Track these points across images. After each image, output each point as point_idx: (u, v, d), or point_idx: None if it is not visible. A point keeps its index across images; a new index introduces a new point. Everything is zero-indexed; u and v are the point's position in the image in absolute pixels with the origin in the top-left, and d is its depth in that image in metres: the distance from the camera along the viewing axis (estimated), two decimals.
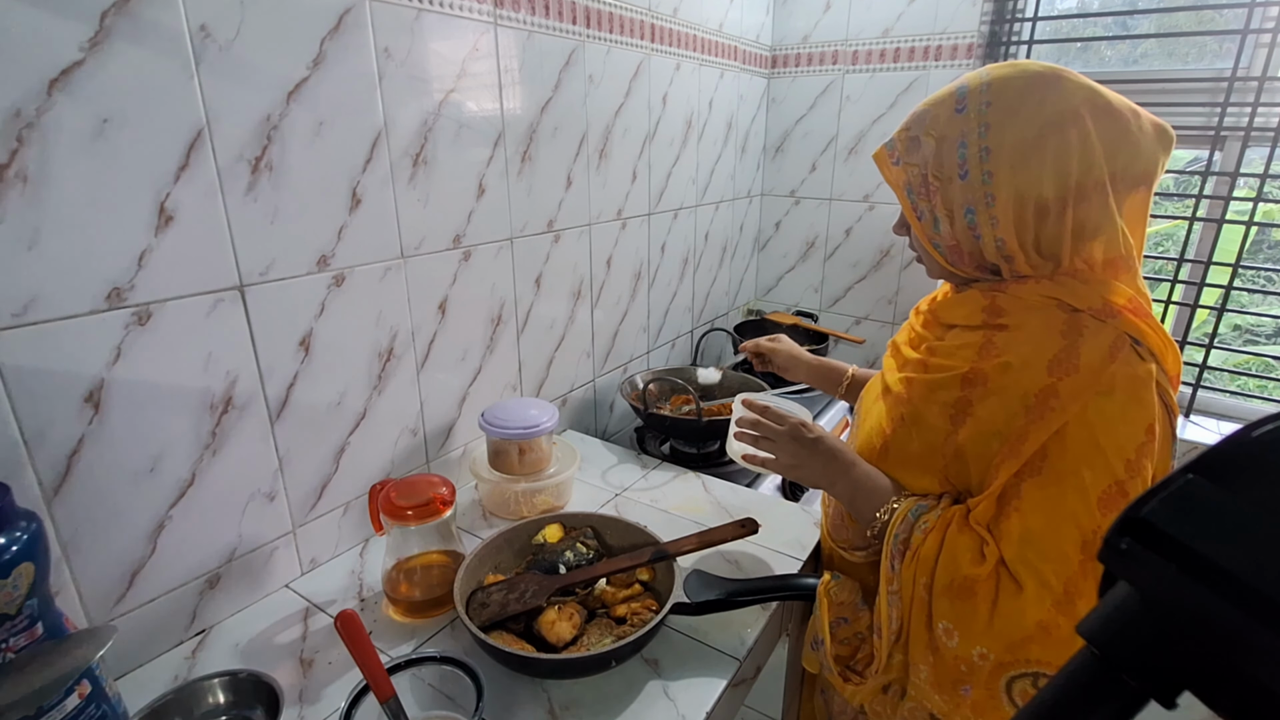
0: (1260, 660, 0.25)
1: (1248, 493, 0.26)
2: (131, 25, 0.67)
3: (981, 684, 0.61)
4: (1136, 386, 0.59)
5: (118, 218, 0.69)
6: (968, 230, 0.65)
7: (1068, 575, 0.58)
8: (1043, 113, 0.60)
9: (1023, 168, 0.60)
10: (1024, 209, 0.62)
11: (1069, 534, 0.58)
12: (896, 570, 0.67)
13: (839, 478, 0.75)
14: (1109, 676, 0.29)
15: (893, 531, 0.68)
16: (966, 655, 0.61)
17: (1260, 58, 1.41)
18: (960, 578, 0.62)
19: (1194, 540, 0.26)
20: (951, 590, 0.62)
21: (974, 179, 0.62)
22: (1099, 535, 0.57)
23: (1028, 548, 0.59)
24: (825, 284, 2.05)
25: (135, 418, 0.73)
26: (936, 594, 0.63)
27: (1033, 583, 0.59)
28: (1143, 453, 0.58)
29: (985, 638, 0.60)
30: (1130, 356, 0.59)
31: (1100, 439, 0.58)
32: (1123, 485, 0.58)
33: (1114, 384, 0.58)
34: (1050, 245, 0.63)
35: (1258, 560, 0.25)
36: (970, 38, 1.64)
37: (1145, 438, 0.59)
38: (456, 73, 1.01)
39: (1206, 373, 1.56)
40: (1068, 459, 0.59)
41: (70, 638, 0.57)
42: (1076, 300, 0.62)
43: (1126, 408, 0.58)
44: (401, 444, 1.05)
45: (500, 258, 1.16)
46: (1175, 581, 0.26)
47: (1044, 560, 0.58)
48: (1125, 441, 0.58)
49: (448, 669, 0.70)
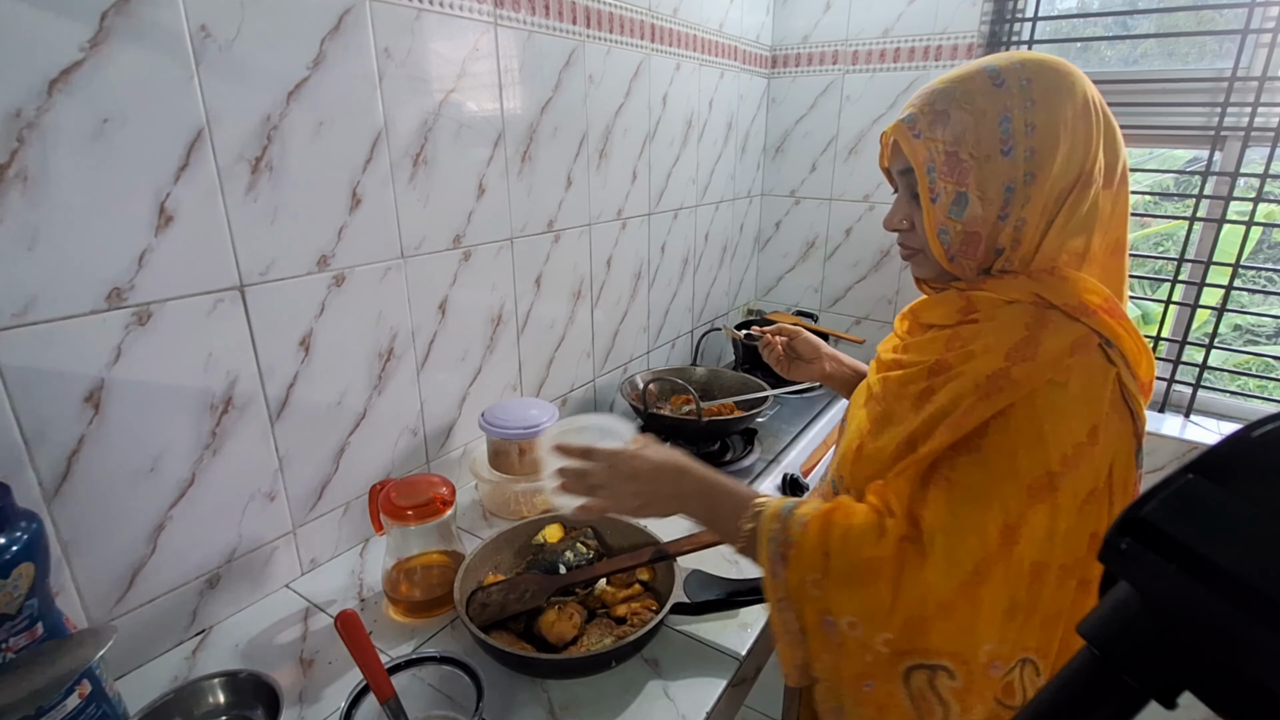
0: (1260, 660, 0.25)
1: (1248, 493, 0.26)
2: (131, 25, 0.67)
3: (881, 675, 0.58)
4: (1092, 386, 0.57)
5: (118, 218, 0.69)
6: (999, 210, 0.63)
7: (982, 555, 0.55)
8: (1075, 96, 0.61)
9: (1064, 147, 0.60)
10: (1055, 189, 0.61)
11: (994, 514, 0.56)
12: (781, 577, 0.62)
13: (690, 497, 0.70)
14: (1109, 676, 0.29)
15: (766, 535, 0.64)
16: (872, 645, 0.58)
17: (1260, 58, 1.41)
18: (862, 562, 0.59)
19: (1194, 540, 0.26)
20: (853, 579, 0.59)
21: (1018, 155, 0.61)
22: (1021, 522, 0.55)
23: (952, 518, 0.57)
24: (825, 284, 2.05)
25: (135, 418, 0.73)
26: (834, 587, 0.60)
27: (941, 555, 0.56)
28: (1081, 453, 0.56)
29: (890, 622, 0.57)
30: (1094, 356, 0.58)
31: (1043, 427, 0.57)
32: (1054, 479, 0.56)
33: (1069, 377, 0.57)
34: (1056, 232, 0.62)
35: (1258, 560, 0.25)
36: (970, 38, 1.64)
37: (1086, 439, 0.56)
38: (456, 73, 1.01)
39: (1206, 373, 1.55)
40: (1007, 440, 0.57)
41: (70, 638, 0.57)
42: (1053, 296, 0.60)
43: (1076, 404, 0.57)
44: (401, 444, 1.05)
45: (500, 258, 1.16)
46: (1175, 581, 0.26)
47: (965, 533, 0.56)
48: (1066, 436, 0.56)
49: (448, 669, 0.70)
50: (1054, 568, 0.56)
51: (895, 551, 0.58)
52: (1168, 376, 1.60)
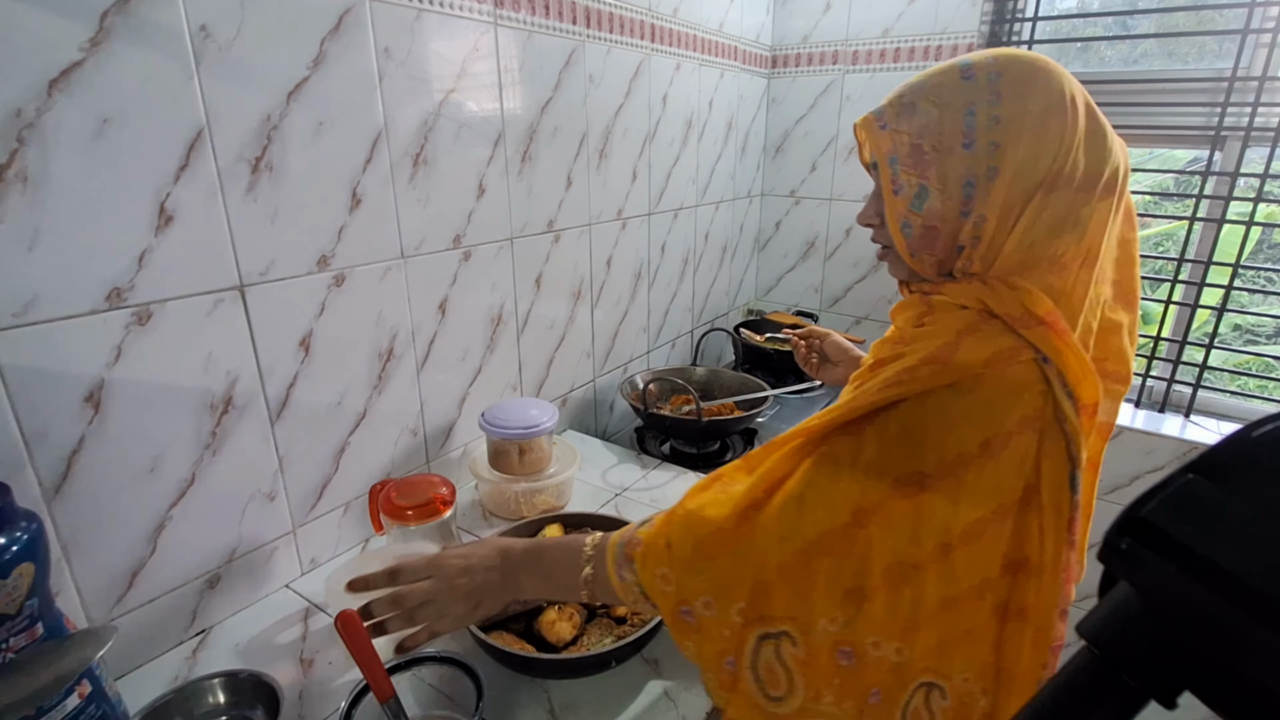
0: (1260, 660, 0.25)
1: (1248, 493, 0.26)
2: (131, 25, 0.67)
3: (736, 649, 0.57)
4: (999, 399, 0.55)
5: (118, 218, 0.69)
6: (960, 206, 0.61)
7: (828, 528, 0.55)
8: (1050, 91, 0.59)
9: (1029, 142, 0.59)
10: (1018, 186, 0.59)
11: (850, 493, 0.55)
12: (629, 578, 0.61)
13: (521, 574, 0.68)
14: (1109, 676, 0.29)
15: (612, 552, 0.63)
16: (728, 618, 0.57)
17: (1260, 58, 1.41)
18: (704, 539, 0.58)
19: (1194, 540, 0.26)
20: (698, 559, 0.58)
21: (980, 149, 0.59)
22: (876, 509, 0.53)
23: (809, 486, 0.57)
24: (825, 284, 2.05)
25: (135, 418, 0.73)
26: (681, 573, 0.59)
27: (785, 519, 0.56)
28: (964, 464, 0.53)
29: (740, 590, 0.56)
30: (1014, 370, 0.55)
31: (926, 426, 0.55)
32: (924, 480, 0.53)
33: (976, 386, 0.55)
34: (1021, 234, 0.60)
35: (1258, 560, 0.25)
36: (970, 38, 1.64)
37: (976, 451, 0.53)
38: (456, 73, 1.01)
39: (1206, 373, 1.55)
40: (886, 430, 0.56)
41: (70, 638, 0.57)
42: (995, 304, 0.58)
43: (973, 413, 0.54)
44: (401, 444, 1.05)
45: (500, 258, 1.16)
46: (1175, 581, 0.26)
47: (815, 504, 0.56)
48: (949, 443, 0.54)
49: (448, 669, 0.70)
50: (929, 575, 0.53)
51: (735, 522, 0.58)
52: (1168, 376, 1.60)
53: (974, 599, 0.54)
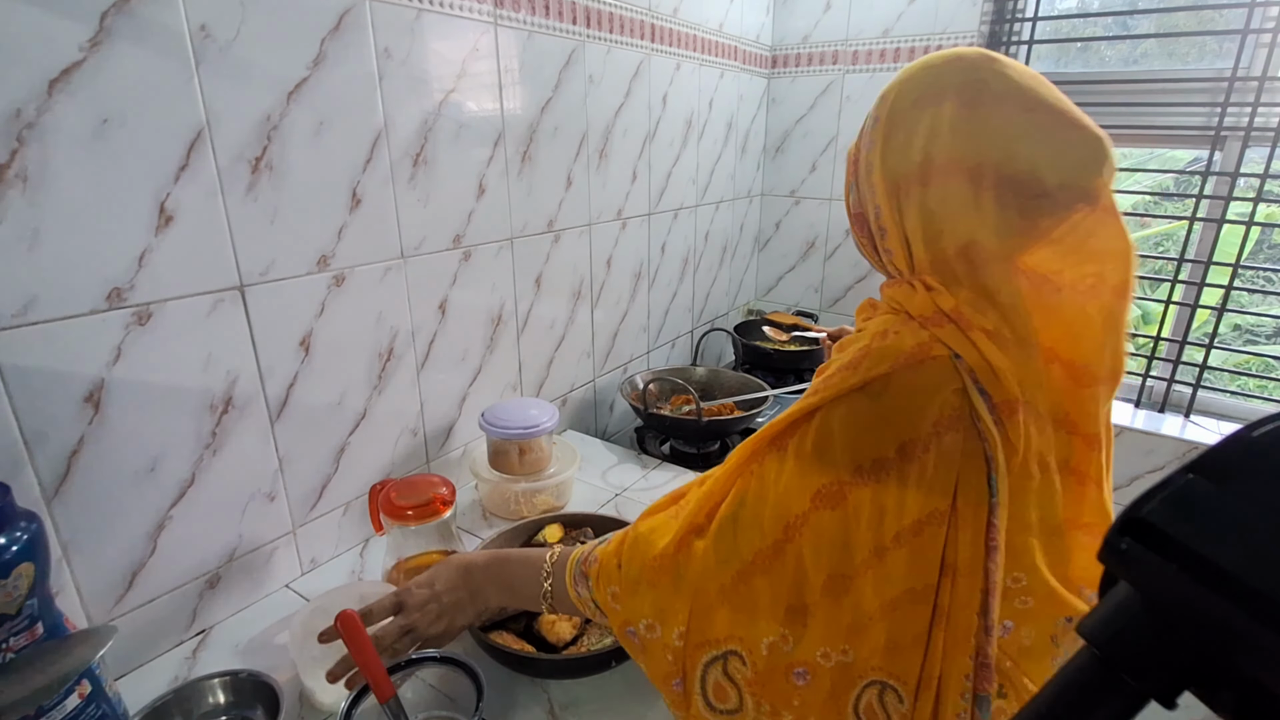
0: (1260, 660, 0.25)
1: (1248, 493, 0.26)
2: (131, 25, 0.67)
3: (685, 673, 0.58)
4: (911, 401, 0.53)
5: (118, 218, 0.69)
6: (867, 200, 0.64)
7: (760, 546, 0.55)
8: (924, 85, 0.59)
9: (890, 138, 0.60)
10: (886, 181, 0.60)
11: (778, 507, 0.55)
12: (585, 594, 0.63)
13: (486, 589, 0.71)
14: (1109, 676, 0.29)
15: (570, 567, 0.65)
16: (669, 642, 0.58)
17: (1260, 58, 1.41)
18: (649, 562, 0.59)
19: (1194, 540, 0.26)
20: (641, 582, 0.59)
21: (867, 147, 0.63)
22: (802, 523, 0.53)
23: (740, 506, 0.57)
24: (825, 284, 2.05)
25: (135, 418, 0.73)
26: (627, 595, 0.60)
27: (721, 542, 0.56)
28: (883, 468, 0.52)
29: (680, 614, 0.57)
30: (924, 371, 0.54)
31: (840, 434, 0.54)
32: (843, 488, 0.53)
33: (885, 389, 0.54)
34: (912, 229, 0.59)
35: (1258, 560, 0.25)
36: (970, 38, 1.64)
37: (894, 455, 0.52)
38: (456, 73, 1.01)
39: (1206, 373, 1.55)
40: (805, 442, 0.56)
41: (70, 638, 0.57)
42: (906, 303, 0.58)
43: (885, 416, 0.54)
44: (401, 444, 1.05)
45: (500, 258, 1.16)
46: (1175, 581, 0.26)
47: (747, 524, 0.56)
48: (864, 447, 0.53)
49: (448, 669, 0.70)
50: (867, 580, 0.53)
51: (676, 547, 0.59)
52: (1168, 376, 1.60)
53: (917, 603, 0.53)
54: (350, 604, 0.72)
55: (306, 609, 0.77)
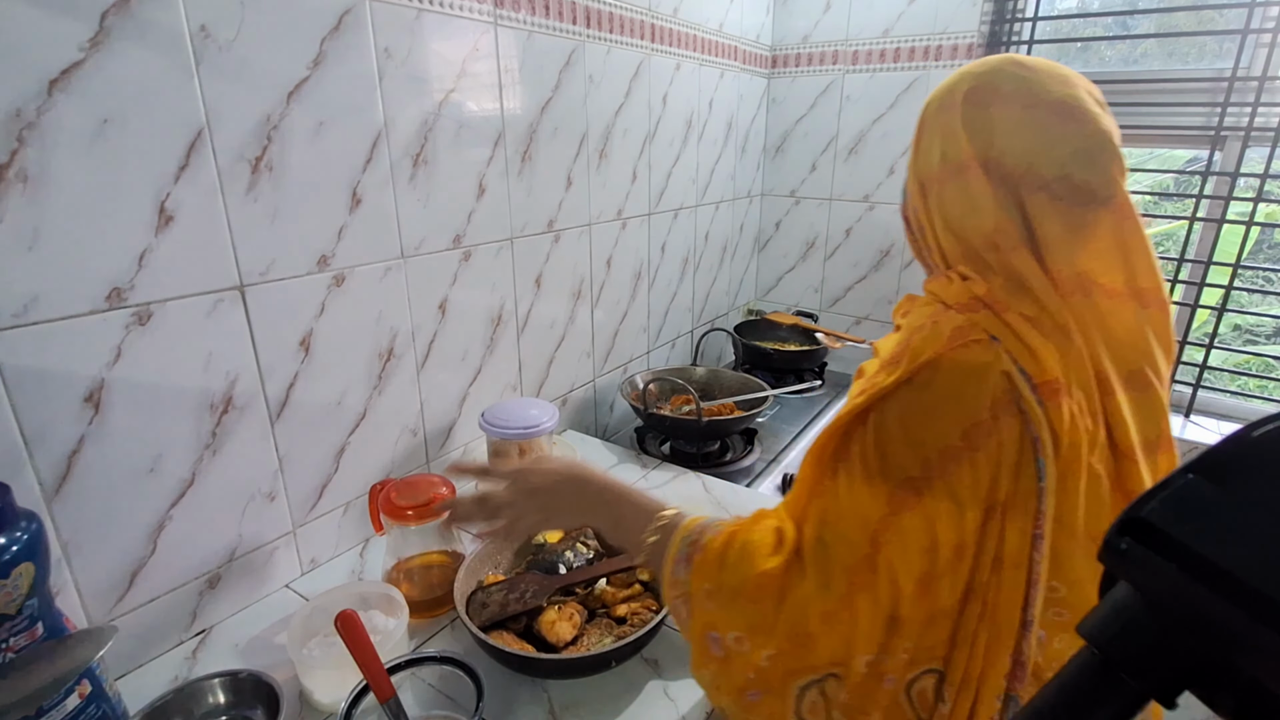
0: (1260, 660, 0.25)
1: (1248, 493, 0.26)
2: (131, 25, 0.67)
3: (774, 691, 0.56)
4: (962, 383, 0.53)
5: (118, 218, 0.69)
6: (905, 205, 0.69)
7: (852, 562, 0.53)
8: (944, 93, 0.63)
9: (919, 143, 0.64)
10: (916, 181, 0.64)
11: (857, 522, 0.54)
12: (682, 576, 0.60)
13: (594, 509, 0.70)
14: (1109, 676, 0.29)
15: (680, 537, 0.62)
16: (756, 661, 0.56)
17: (1260, 58, 1.41)
18: (751, 578, 0.57)
19: (1194, 540, 0.26)
20: (740, 595, 0.57)
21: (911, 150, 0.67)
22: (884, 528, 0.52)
23: (825, 528, 0.56)
24: (825, 284, 2.05)
25: (135, 418, 0.73)
26: (724, 602, 0.58)
27: (816, 568, 0.55)
28: (951, 457, 0.51)
29: (774, 638, 0.55)
30: (968, 353, 0.54)
31: (898, 431, 0.54)
32: (916, 484, 0.52)
33: (933, 378, 0.54)
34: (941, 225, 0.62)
35: (1258, 560, 0.25)
36: (970, 38, 1.64)
37: (960, 443, 0.52)
38: (456, 73, 1.01)
39: (1206, 373, 1.56)
40: (866, 447, 0.55)
41: (70, 638, 0.57)
42: (946, 295, 0.59)
43: (939, 404, 0.53)
44: (401, 444, 1.05)
45: (500, 258, 1.16)
46: (1175, 581, 0.26)
47: (833, 543, 0.55)
48: (928, 440, 0.53)
49: (448, 669, 0.70)
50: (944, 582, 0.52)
51: (784, 569, 0.56)
52: None
53: (974, 599, 0.53)
54: (350, 604, 0.73)
55: (306, 609, 0.77)
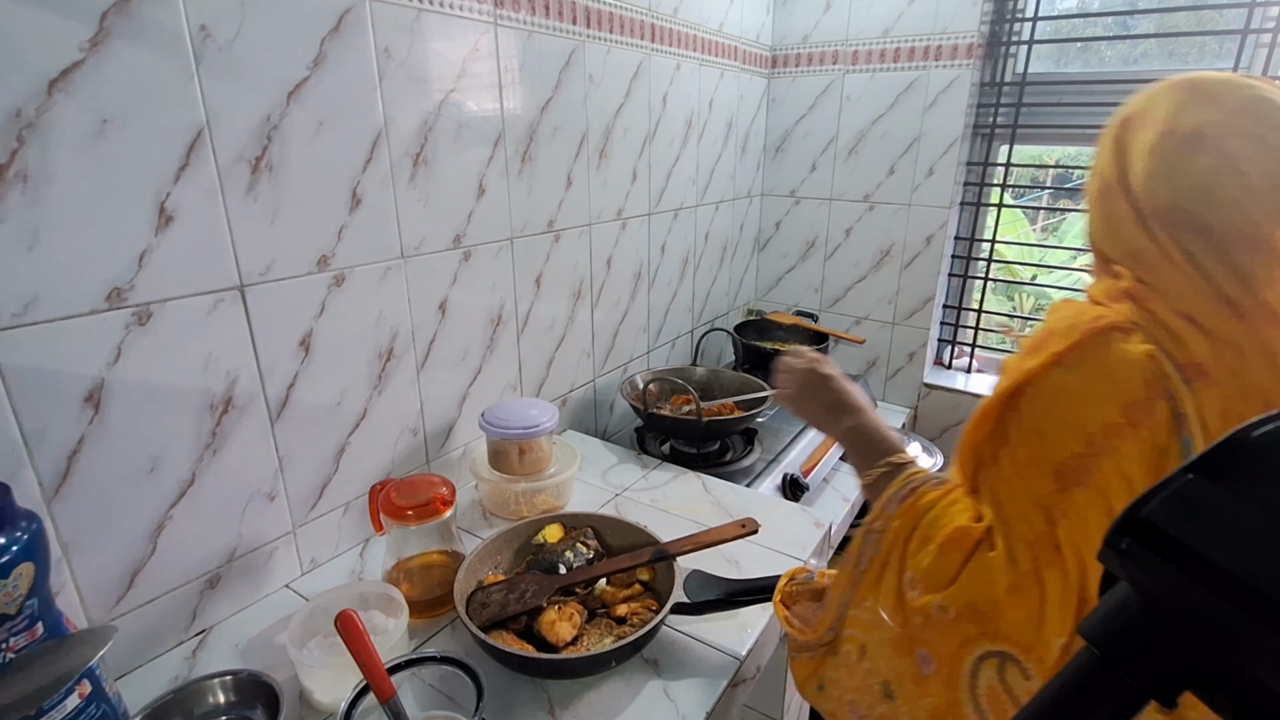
0: (1260, 660, 0.25)
1: (1248, 493, 0.26)
2: (131, 25, 0.67)
3: (945, 661, 0.58)
4: (1111, 363, 0.55)
5: (118, 218, 0.69)
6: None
7: (1033, 538, 0.55)
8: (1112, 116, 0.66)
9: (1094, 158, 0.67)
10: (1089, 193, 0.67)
11: (1029, 499, 0.56)
12: (891, 510, 0.65)
13: (839, 421, 0.77)
14: (1109, 676, 0.29)
15: (904, 479, 0.67)
16: (924, 606, 0.59)
17: (1260, 58, 1.41)
18: (951, 530, 0.60)
19: (1194, 540, 0.26)
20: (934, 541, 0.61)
21: None
22: (1054, 503, 0.54)
23: (999, 508, 0.58)
24: (825, 284, 2.05)
25: (135, 418, 0.73)
26: (920, 542, 0.62)
27: (1003, 547, 0.57)
28: (1114, 433, 0.53)
29: (949, 589, 0.58)
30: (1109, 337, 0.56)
31: (1055, 410, 0.56)
32: (1084, 460, 0.54)
33: (1081, 360, 0.56)
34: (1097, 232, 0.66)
35: (1258, 560, 0.25)
36: (970, 38, 1.64)
37: (1121, 419, 0.53)
38: (456, 73, 1.01)
39: None
40: (1024, 428, 0.58)
41: (70, 638, 0.57)
42: (1095, 290, 0.62)
43: (1095, 383, 0.55)
44: (401, 444, 1.05)
45: (500, 258, 1.16)
46: (1175, 581, 0.26)
47: (1012, 522, 0.57)
48: (1089, 417, 0.54)
49: (448, 669, 0.70)
50: None
51: (982, 532, 0.59)
52: None
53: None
54: (350, 604, 0.73)
55: (305, 609, 0.77)
